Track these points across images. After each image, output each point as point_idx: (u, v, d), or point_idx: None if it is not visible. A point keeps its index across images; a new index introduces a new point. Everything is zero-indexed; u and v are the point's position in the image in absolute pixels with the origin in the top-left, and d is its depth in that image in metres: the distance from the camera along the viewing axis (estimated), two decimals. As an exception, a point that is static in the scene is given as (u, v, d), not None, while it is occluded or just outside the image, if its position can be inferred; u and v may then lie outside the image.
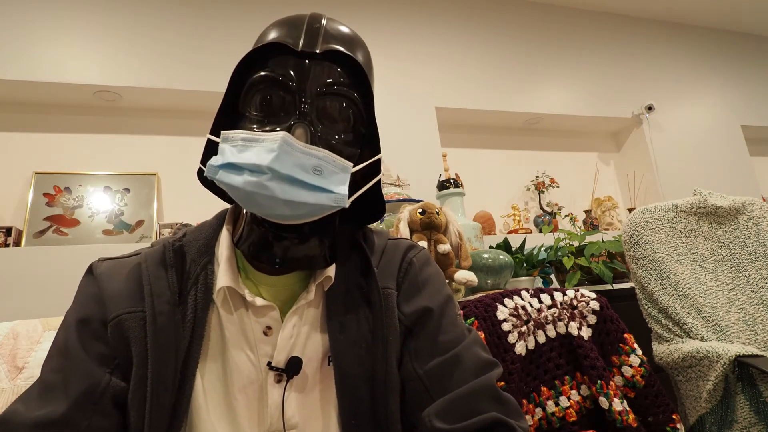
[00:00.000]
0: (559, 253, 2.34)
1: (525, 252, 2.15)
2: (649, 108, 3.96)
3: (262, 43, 0.73)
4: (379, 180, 0.82)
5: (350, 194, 0.70)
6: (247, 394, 0.71)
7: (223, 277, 0.73)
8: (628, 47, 4.25)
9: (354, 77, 0.75)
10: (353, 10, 3.39)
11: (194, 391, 0.69)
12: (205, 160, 0.78)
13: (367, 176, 0.79)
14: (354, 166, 0.72)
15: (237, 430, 0.69)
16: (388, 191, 2.19)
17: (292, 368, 0.72)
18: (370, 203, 0.87)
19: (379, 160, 0.80)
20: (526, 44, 3.87)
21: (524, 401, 1.28)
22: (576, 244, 2.34)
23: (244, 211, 0.78)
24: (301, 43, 0.72)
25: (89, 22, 2.74)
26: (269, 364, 0.72)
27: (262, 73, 0.71)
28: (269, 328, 0.74)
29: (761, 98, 4.64)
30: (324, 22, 0.76)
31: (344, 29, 0.78)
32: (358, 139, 0.76)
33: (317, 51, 0.71)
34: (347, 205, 0.69)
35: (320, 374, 0.75)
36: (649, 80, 4.21)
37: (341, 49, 0.72)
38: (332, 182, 0.67)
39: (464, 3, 3.76)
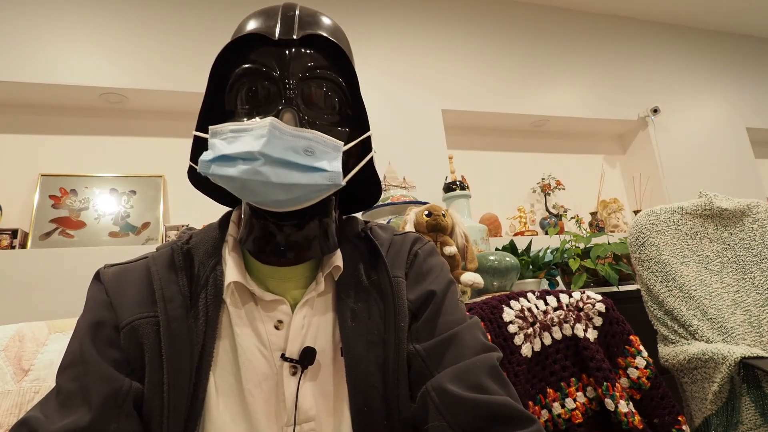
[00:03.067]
0: (565, 255, 2.34)
1: (531, 254, 2.15)
2: (655, 110, 3.96)
3: (238, 35, 0.73)
4: (372, 158, 0.82)
5: (344, 174, 0.71)
6: (263, 389, 0.71)
7: (231, 273, 0.74)
8: (633, 50, 4.25)
9: (334, 60, 0.75)
10: (359, 13, 3.40)
11: (207, 392, 0.69)
12: (194, 158, 0.78)
13: (359, 157, 0.79)
14: (345, 145, 0.72)
15: (254, 427, 0.69)
16: (394, 193, 2.19)
17: (306, 358, 0.71)
18: (367, 184, 0.88)
19: (369, 138, 0.80)
20: (532, 47, 3.88)
21: (530, 403, 1.27)
22: (582, 246, 2.33)
23: (243, 210, 0.78)
24: (277, 32, 0.72)
25: (95, 24, 2.76)
26: (283, 355, 0.72)
27: (245, 66, 0.72)
28: (280, 322, 0.74)
29: (766, 100, 4.63)
30: (297, 9, 0.77)
31: (318, 14, 0.79)
32: (346, 119, 0.77)
33: (294, 38, 0.72)
34: (343, 183, 0.69)
35: (334, 366, 0.74)
36: (655, 83, 4.21)
37: (318, 32, 0.73)
38: (325, 161, 0.67)
39: (470, 6, 3.77)
